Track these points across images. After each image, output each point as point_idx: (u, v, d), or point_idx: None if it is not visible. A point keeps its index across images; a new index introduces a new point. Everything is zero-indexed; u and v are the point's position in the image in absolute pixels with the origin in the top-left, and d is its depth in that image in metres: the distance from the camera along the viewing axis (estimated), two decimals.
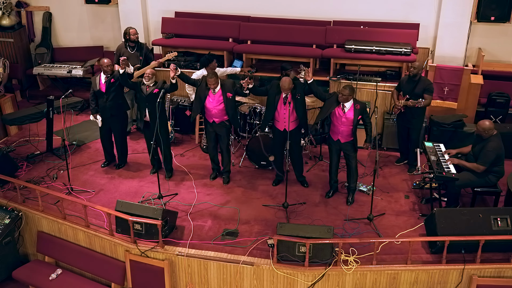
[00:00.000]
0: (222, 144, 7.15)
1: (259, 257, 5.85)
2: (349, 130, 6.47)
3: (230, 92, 6.84)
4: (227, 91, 6.83)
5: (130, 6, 9.69)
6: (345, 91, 6.30)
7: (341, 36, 8.50)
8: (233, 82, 7.02)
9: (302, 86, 6.68)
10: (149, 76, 6.96)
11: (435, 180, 6.35)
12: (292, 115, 6.65)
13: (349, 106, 6.39)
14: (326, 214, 6.60)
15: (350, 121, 6.41)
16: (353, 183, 6.76)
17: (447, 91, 8.25)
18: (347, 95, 6.30)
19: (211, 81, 6.70)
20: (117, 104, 7.27)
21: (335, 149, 6.72)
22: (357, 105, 6.39)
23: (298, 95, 6.64)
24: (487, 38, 8.70)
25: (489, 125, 6.12)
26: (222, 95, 6.83)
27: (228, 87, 6.85)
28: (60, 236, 6.65)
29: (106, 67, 7.10)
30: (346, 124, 6.45)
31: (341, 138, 6.56)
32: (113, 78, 7.16)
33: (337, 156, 6.77)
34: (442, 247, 5.59)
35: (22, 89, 10.16)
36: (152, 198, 6.88)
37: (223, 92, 6.82)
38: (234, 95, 6.91)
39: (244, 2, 9.37)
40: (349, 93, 6.30)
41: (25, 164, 7.71)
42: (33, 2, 10.51)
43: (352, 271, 5.64)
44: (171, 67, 6.75)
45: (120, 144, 7.59)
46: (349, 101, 6.37)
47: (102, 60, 7.18)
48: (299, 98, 6.67)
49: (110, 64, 7.15)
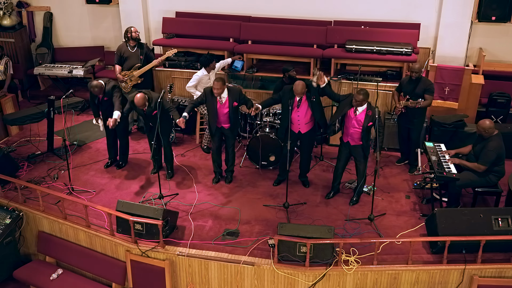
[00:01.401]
0: (228, 145, 7.13)
1: (259, 257, 5.85)
2: (359, 133, 6.46)
3: (236, 101, 6.83)
4: (234, 99, 6.80)
5: (130, 6, 9.70)
6: (359, 97, 6.26)
7: (342, 36, 8.50)
8: (240, 90, 7.01)
9: (316, 88, 6.64)
10: (142, 103, 6.80)
11: (435, 180, 6.34)
12: (305, 117, 6.67)
13: (362, 109, 6.38)
14: (327, 214, 6.60)
15: (360, 124, 6.41)
16: (359, 184, 6.74)
17: (448, 91, 8.25)
18: (360, 100, 6.28)
19: (218, 84, 6.60)
20: (115, 96, 7.26)
21: (344, 152, 6.70)
22: (369, 111, 6.36)
23: (313, 97, 6.62)
24: (488, 38, 8.69)
25: (489, 124, 6.12)
26: (228, 103, 6.79)
27: (235, 96, 6.81)
28: (61, 236, 6.66)
29: (95, 92, 7.11)
30: (356, 126, 6.44)
31: (351, 141, 6.57)
32: (106, 96, 7.19)
33: (345, 159, 6.74)
34: (443, 247, 5.59)
35: (23, 89, 10.16)
36: (153, 198, 6.88)
37: (230, 100, 6.78)
38: (238, 105, 6.89)
39: (245, 2, 9.37)
40: (363, 98, 6.27)
41: (26, 164, 7.71)
42: (34, 2, 10.52)
43: (353, 271, 5.63)
44: (180, 123, 6.61)
45: (122, 143, 7.61)
46: (363, 105, 6.36)
47: (90, 82, 7.13)
48: (315, 100, 6.65)
49: (98, 86, 7.08)
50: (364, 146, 6.52)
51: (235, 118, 6.94)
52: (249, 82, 8.72)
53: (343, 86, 8.28)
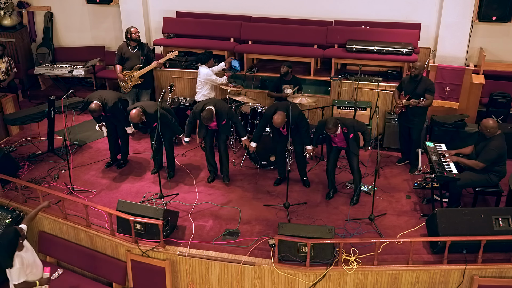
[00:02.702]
0: (220, 142, 7.13)
1: (260, 257, 5.85)
2: (346, 143, 6.66)
3: (225, 120, 6.90)
4: (221, 120, 6.87)
5: (131, 6, 9.70)
6: (329, 130, 6.41)
7: (343, 36, 8.50)
8: (229, 108, 7.04)
9: (296, 116, 6.64)
10: (137, 120, 6.84)
11: (436, 180, 6.34)
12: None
13: (339, 132, 6.53)
14: (327, 214, 6.59)
15: (343, 139, 6.60)
16: (356, 183, 6.76)
17: (448, 91, 8.24)
18: (333, 130, 6.43)
19: (209, 120, 6.68)
20: (118, 111, 7.28)
21: (333, 153, 6.82)
22: (344, 128, 6.50)
23: (292, 125, 6.63)
24: (488, 38, 8.69)
25: (493, 123, 6.11)
26: (217, 123, 6.89)
27: (223, 117, 6.85)
28: (61, 236, 6.66)
29: (95, 115, 7.17)
30: (340, 140, 6.66)
31: (339, 144, 6.75)
32: (108, 113, 7.21)
33: (334, 159, 6.85)
34: (444, 247, 5.58)
35: (24, 89, 10.17)
36: (153, 198, 6.88)
37: (218, 121, 6.86)
38: (228, 121, 6.96)
39: (245, 2, 9.37)
40: (334, 128, 6.41)
41: (27, 164, 7.72)
42: (35, 2, 10.53)
43: (353, 271, 5.63)
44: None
45: (123, 142, 7.62)
46: (337, 130, 6.50)
47: (90, 106, 7.08)
48: (294, 127, 6.72)
49: (95, 110, 7.05)
50: (354, 144, 6.64)
51: (226, 128, 7.04)
52: (250, 82, 8.73)
53: (344, 86, 8.28)
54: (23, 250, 5.06)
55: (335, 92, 8.34)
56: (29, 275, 5.13)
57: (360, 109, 8.02)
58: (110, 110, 7.15)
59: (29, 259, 5.12)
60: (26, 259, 5.07)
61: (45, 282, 5.28)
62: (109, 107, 7.12)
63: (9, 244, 4.90)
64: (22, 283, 5.08)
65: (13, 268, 4.99)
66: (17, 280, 5.06)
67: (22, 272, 5.04)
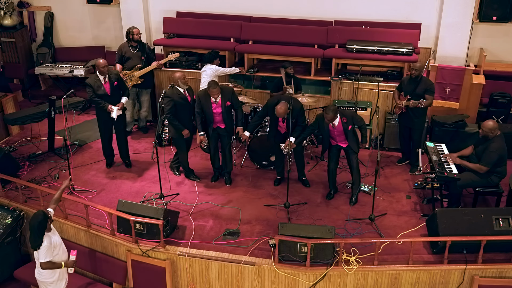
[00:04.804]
0: (224, 145, 7.16)
1: (260, 257, 5.85)
2: (344, 138, 6.63)
3: (229, 101, 6.91)
4: (226, 99, 6.89)
5: (131, 6, 9.69)
6: (328, 116, 6.41)
7: (343, 36, 8.49)
8: (233, 90, 7.08)
9: (296, 110, 6.68)
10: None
11: (436, 180, 6.34)
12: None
13: (337, 121, 6.51)
14: (328, 214, 6.60)
15: (342, 132, 6.57)
16: (356, 184, 6.76)
17: (448, 91, 8.24)
18: (331, 118, 6.42)
19: (214, 91, 6.74)
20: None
21: (334, 152, 6.81)
22: (343, 118, 6.50)
23: (293, 119, 6.66)
24: (489, 38, 8.69)
25: (493, 125, 6.11)
26: (221, 103, 6.88)
27: (228, 96, 6.90)
28: (61, 236, 6.63)
29: (102, 67, 7.10)
30: (339, 135, 6.62)
31: (340, 144, 6.71)
32: (116, 81, 7.20)
33: (335, 159, 6.84)
34: (444, 247, 5.58)
35: (24, 89, 10.17)
36: (153, 198, 6.88)
37: (223, 100, 6.87)
38: (231, 104, 6.97)
39: (245, 2, 9.37)
40: (332, 115, 6.40)
41: (27, 164, 7.72)
42: (35, 2, 10.53)
43: (354, 271, 5.64)
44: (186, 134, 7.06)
45: (124, 142, 7.61)
46: (335, 119, 6.48)
47: (98, 61, 7.17)
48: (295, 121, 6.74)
49: (106, 65, 7.14)
50: (352, 143, 6.62)
51: (229, 118, 7.02)
52: (250, 82, 8.72)
53: (344, 86, 8.28)
54: (51, 232, 5.34)
55: (335, 92, 8.34)
56: (56, 256, 5.37)
57: (361, 109, 8.03)
58: (114, 77, 7.20)
59: (57, 241, 5.40)
60: (54, 240, 5.32)
61: (71, 265, 5.50)
62: (115, 73, 7.26)
63: (39, 225, 5.15)
64: (48, 262, 5.30)
65: (41, 247, 5.23)
66: (43, 259, 5.28)
67: (49, 251, 5.28)
